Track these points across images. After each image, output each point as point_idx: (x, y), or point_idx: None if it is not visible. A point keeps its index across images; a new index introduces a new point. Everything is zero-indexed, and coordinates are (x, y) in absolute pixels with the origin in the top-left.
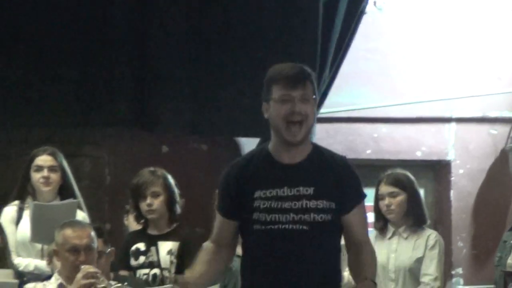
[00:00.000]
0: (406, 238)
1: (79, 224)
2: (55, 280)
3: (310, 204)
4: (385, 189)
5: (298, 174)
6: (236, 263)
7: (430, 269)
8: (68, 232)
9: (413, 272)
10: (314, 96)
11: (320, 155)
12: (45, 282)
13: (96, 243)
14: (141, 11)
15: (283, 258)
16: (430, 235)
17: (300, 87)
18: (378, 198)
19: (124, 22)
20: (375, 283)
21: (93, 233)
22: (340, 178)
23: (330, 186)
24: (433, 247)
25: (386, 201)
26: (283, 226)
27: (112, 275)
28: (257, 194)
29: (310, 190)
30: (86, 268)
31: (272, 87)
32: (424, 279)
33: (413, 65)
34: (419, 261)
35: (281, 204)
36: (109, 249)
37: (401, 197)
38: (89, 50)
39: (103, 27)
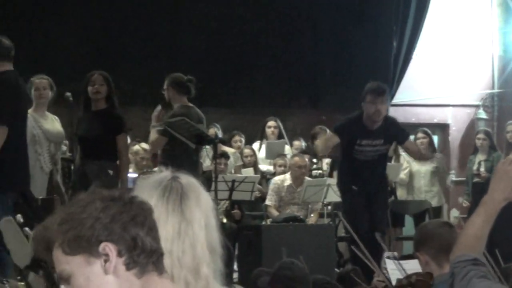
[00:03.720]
0: None
1: None
2: None
3: (379, 146)
4: None
5: (377, 132)
6: None
7: None
8: None
9: None
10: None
11: (385, 120)
12: None
13: None
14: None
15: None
16: None
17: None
18: None
19: None
20: None
21: None
22: (395, 131)
23: (389, 135)
24: None
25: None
26: (369, 154)
27: None
28: (358, 138)
29: (380, 141)
30: None
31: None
32: None
33: None
34: None
35: (368, 144)
36: None
37: None
38: None
39: None
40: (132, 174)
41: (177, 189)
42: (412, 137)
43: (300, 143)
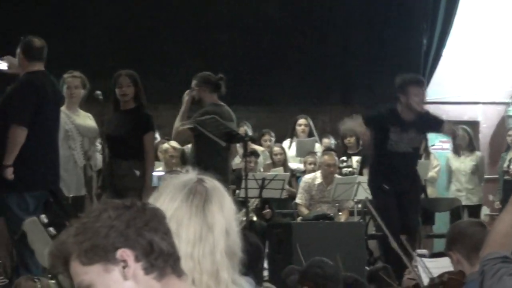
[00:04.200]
0: None
1: None
2: None
3: (413, 136)
4: None
5: (411, 123)
6: None
7: None
8: None
9: None
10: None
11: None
12: None
13: None
14: None
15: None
16: None
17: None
18: None
19: None
20: None
21: None
22: (428, 119)
23: (422, 125)
24: None
25: None
26: (402, 146)
27: None
28: (392, 129)
29: (414, 131)
30: None
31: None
32: None
33: None
34: None
35: (402, 135)
36: None
37: None
38: None
39: None
40: (161, 173)
41: (202, 193)
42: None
43: (329, 141)
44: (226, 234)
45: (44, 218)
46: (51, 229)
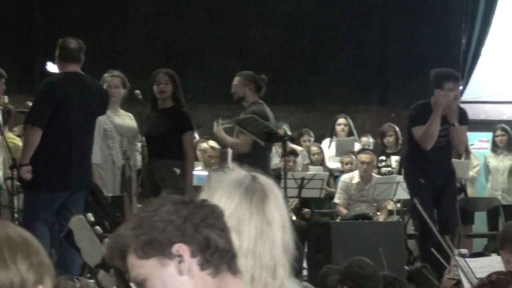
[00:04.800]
0: None
1: None
2: None
3: (445, 130)
4: None
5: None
6: None
7: None
8: None
9: None
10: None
11: None
12: None
13: None
14: None
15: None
16: None
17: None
18: None
19: None
20: None
21: None
22: (459, 112)
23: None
24: None
25: None
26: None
27: None
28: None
29: (446, 125)
30: None
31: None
32: None
33: None
34: None
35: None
36: None
37: None
38: None
39: None
40: (200, 172)
41: (259, 190)
42: (490, 134)
43: (368, 140)
44: (282, 229)
45: (90, 216)
46: (97, 227)
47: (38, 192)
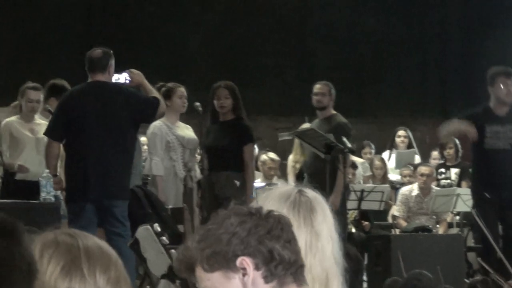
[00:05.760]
0: None
1: None
2: None
3: (509, 132)
4: None
5: (506, 117)
6: None
7: None
8: None
9: None
10: None
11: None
12: None
13: None
14: None
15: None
16: None
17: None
18: None
19: None
20: None
21: None
22: None
23: None
24: None
25: None
26: (500, 142)
27: None
28: (487, 126)
29: (510, 126)
30: None
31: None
32: None
33: None
34: None
35: (498, 130)
36: None
37: None
38: None
39: None
40: (259, 183)
41: (306, 203)
42: None
43: (438, 154)
44: (332, 242)
45: (157, 226)
46: (164, 238)
47: (66, 202)
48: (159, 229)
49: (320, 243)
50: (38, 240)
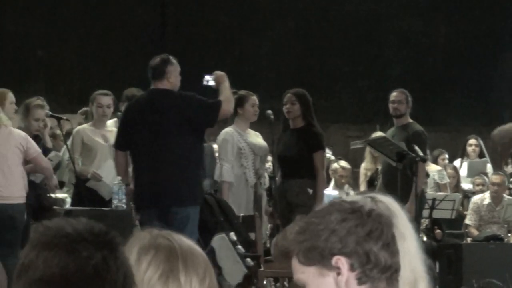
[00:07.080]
0: None
1: None
2: None
3: None
4: None
5: None
6: None
7: None
8: None
9: None
10: None
11: None
12: None
13: None
14: None
15: None
16: None
17: None
18: None
19: None
20: None
21: None
22: None
23: None
24: None
25: None
26: None
27: None
28: None
29: None
30: None
31: None
32: None
33: None
34: None
35: None
36: None
37: None
38: None
39: None
40: (330, 191)
41: (383, 208)
42: None
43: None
44: (415, 242)
45: (233, 235)
46: (239, 247)
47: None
48: (235, 238)
49: (407, 245)
50: (134, 243)
